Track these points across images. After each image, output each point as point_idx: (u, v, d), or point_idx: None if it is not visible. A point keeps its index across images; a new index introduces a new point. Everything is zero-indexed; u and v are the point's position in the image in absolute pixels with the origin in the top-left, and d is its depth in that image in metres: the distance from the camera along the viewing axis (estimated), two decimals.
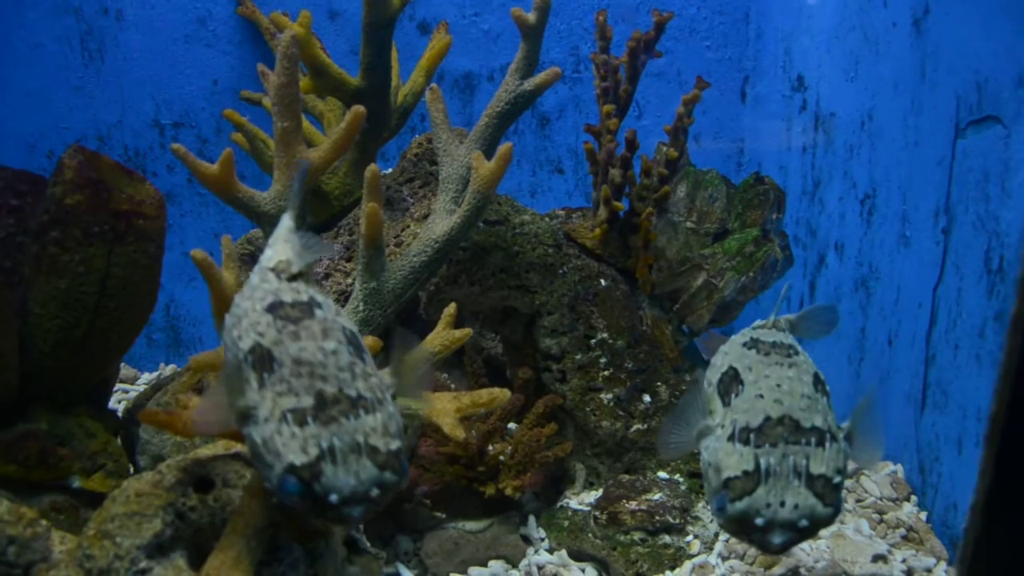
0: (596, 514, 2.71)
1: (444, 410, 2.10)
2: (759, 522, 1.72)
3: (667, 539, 2.64)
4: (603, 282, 2.97)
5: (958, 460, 2.65)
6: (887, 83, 3.22)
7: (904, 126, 3.06)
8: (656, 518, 2.65)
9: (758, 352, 2.00)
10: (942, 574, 2.52)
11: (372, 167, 2.26)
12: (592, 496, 2.86)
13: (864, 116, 3.44)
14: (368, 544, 2.22)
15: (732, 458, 1.79)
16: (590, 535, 2.68)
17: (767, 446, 1.77)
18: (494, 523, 2.69)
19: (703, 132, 4.44)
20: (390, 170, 3.34)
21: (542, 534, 2.76)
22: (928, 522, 2.79)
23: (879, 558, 2.53)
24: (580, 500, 2.86)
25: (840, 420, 1.90)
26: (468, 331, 2.30)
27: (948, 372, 2.72)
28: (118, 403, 3.69)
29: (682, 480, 2.83)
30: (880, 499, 2.94)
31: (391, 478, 1.42)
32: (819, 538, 2.71)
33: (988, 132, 2.50)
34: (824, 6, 3.82)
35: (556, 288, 2.91)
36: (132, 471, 2.46)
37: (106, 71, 4.14)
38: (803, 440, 1.78)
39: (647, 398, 2.92)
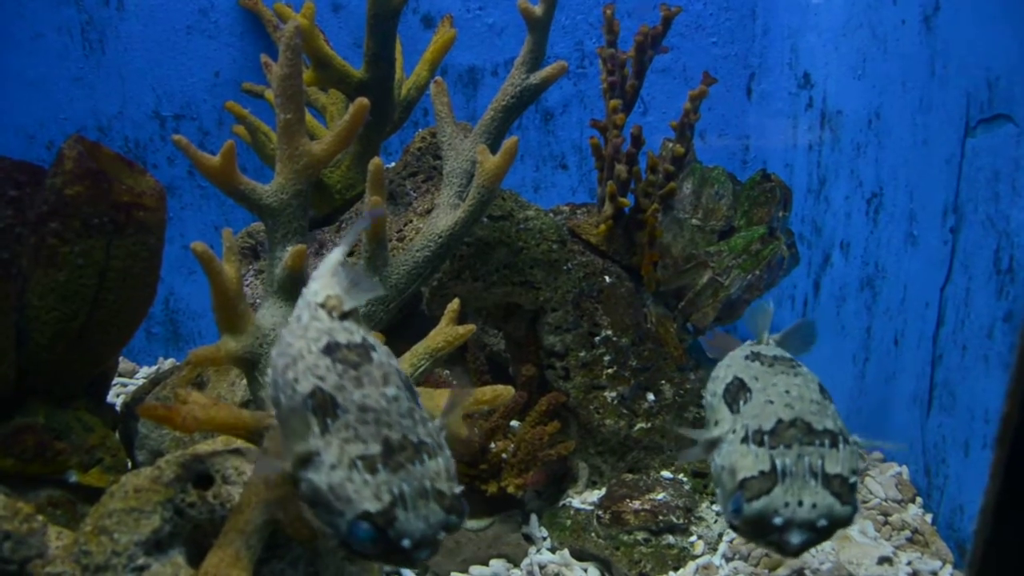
0: (599, 513, 2.69)
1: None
2: (777, 521, 1.70)
3: (671, 539, 2.61)
4: (607, 279, 2.94)
5: (965, 462, 2.62)
6: (895, 81, 3.19)
7: (912, 124, 3.03)
8: (660, 518, 2.62)
9: (762, 364, 1.98)
10: None
11: (375, 160, 2.24)
12: (595, 495, 2.84)
13: (871, 114, 3.41)
14: None
15: (747, 459, 1.77)
16: (593, 534, 2.65)
17: (782, 447, 1.75)
18: (496, 522, 2.67)
19: (708, 129, 4.41)
20: (393, 164, 3.31)
21: (544, 533, 2.74)
22: (934, 524, 2.77)
23: (884, 560, 2.51)
24: (583, 499, 2.84)
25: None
26: (471, 327, 2.27)
27: (955, 373, 2.70)
28: (116, 397, 3.66)
29: (686, 480, 2.81)
30: (885, 500, 2.92)
31: (455, 521, 1.45)
32: None
33: (999, 130, 2.47)
34: (831, 3, 3.79)
35: (560, 285, 2.88)
36: (130, 466, 2.43)
37: (107, 62, 4.11)
38: (817, 441, 1.76)
39: (651, 396, 2.90)
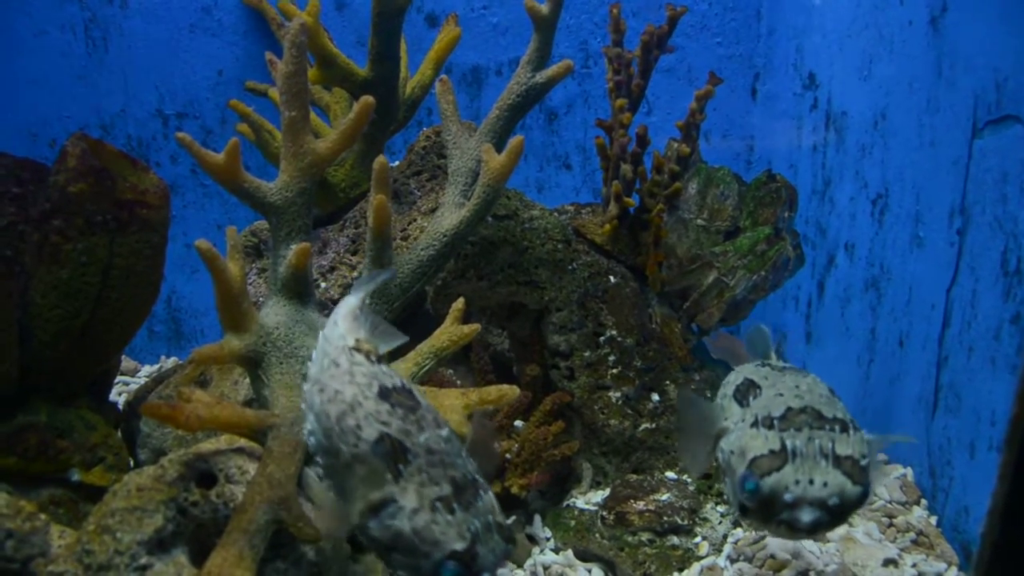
0: (603, 514, 2.68)
1: (451, 407, 2.07)
2: (787, 498, 1.70)
3: (675, 540, 2.60)
4: (612, 279, 2.93)
5: (970, 464, 2.61)
6: (902, 82, 3.18)
7: (919, 125, 3.02)
8: (664, 519, 2.61)
9: (772, 369, 2.02)
10: None
11: (381, 158, 2.23)
12: (599, 496, 2.83)
13: (877, 115, 3.40)
14: None
15: (757, 440, 1.78)
16: (597, 535, 2.64)
17: (792, 430, 1.77)
18: None
19: (713, 130, 4.40)
20: (397, 163, 3.30)
21: (548, 533, 2.72)
22: (938, 527, 2.76)
23: (890, 562, 2.50)
24: (587, 499, 2.83)
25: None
26: (476, 327, 2.26)
27: (961, 375, 2.68)
28: (119, 396, 3.65)
29: (690, 481, 2.80)
30: (889, 503, 2.91)
31: (512, 549, 1.55)
32: (829, 541, 2.68)
33: (1007, 131, 2.46)
34: (837, 4, 3.78)
35: (565, 284, 2.87)
36: (132, 465, 2.43)
37: (110, 60, 4.11)
38: (827, 427, 1.77)
39: (656, 397, 2.89)
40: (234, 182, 2.21)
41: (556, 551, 2.67)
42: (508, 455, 2.67)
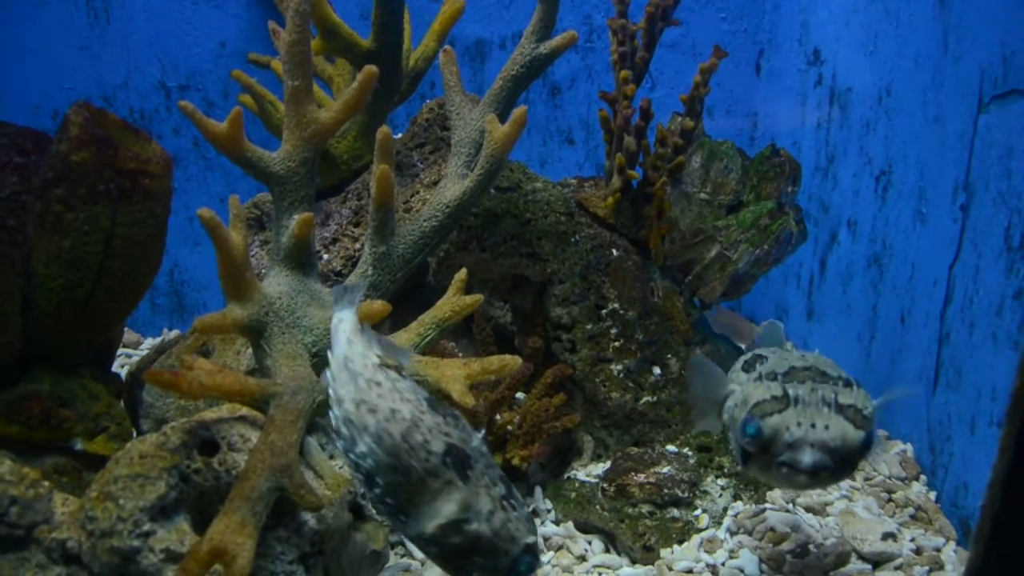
0: (604, 486, 2.69)
1: (453, 376, 2.07)
2: (788, 437, 1.71)
3: (675, 512, 2.61)
4: (615, 252, 2.93)
5: (971, 440, 2.61)
6: (907, 57, 3.16)
7: (924, 101, 3.01)
8: (664, 491, 2.62)
9: (781, 348, 2.09)
10: (951, 553, 2.50)
11: (384, 129, 2.22)
12: (600, 468, 2.84)
13: (882, 91, 3.39)
14: (375, 511, 2.20)
15: (759, 389, 1.81)
16: (597, 507, 2.65)
17: (795, 382, 1.79)
18: None
19: (716, 106, 4.39)
20: (400, 135, 3.29)
21: (549, 505, 2.73)
22: (937, 502, 2.77)
23: (888, 536, 2.51)
24: (588, 472, 2.84)
25: None
26: (479, 297, 2.26)
27: (963, 351, 2.69)
28: (121, 367, 3.66)
29: (691, 454, 2.81)
30: (889, 478, 2.92)
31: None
32: (828, 515, 2.69)
33: (1013, 106, 2.45)
34: None
35: (568, 257, 2.87)
36: (135, 435, 2.43)
37: (112, 31, 4.09)
38: (830, 381, 1.80)
39: (657, 370, 2.89)
40: (236, 151, 2.20)
41: (557, 523, 2.69)
42: (509, 427, 2.67)
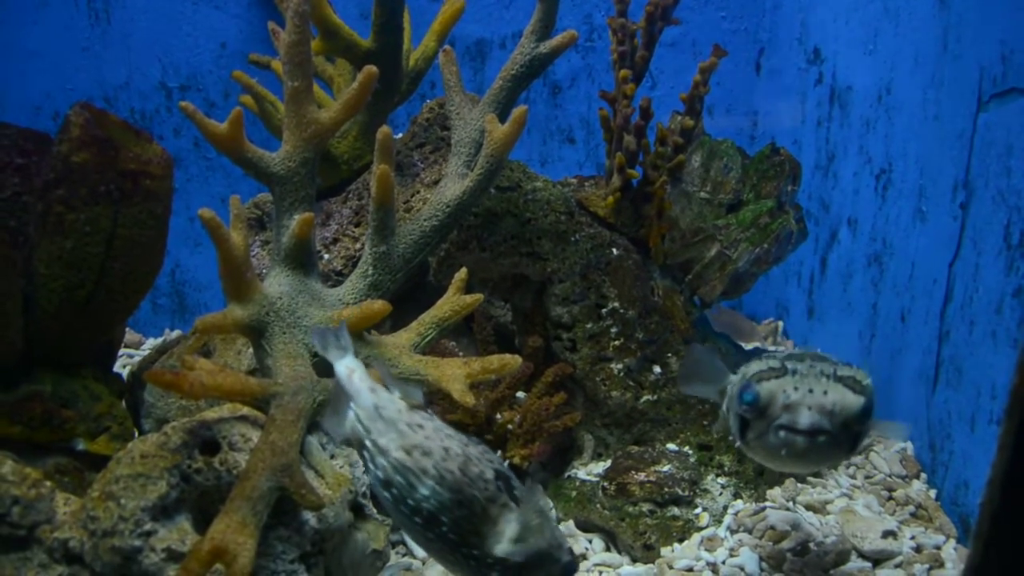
0: (604, 485, 2.69)
1: (454, 375, 2.07)
2: (784, 399, 1.72)
3: (676, 511, 2.62)
4: (615, 251, 2.93)
5: (971, 438, 2.62)
6: (907, 56, 3.17)
7: (924, 99, 3.01)
8: (665, 490, 2.63)
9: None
10: (951, 552, 2.50)
11: (384, 128, 2.22)
12: (600, 467, 2.84)
13: (882, 89, 3.39)
14: (375, 511, 2.20)
15: (758, 365, 1.84)
16: (598, 506, 2.66)
17: (794, 360, 1.82)
18: None
19: (716, 105, 4.39)
20: (400, 135, 3.30)
21: (549, 504, 2.74)
22: (937, 500, 2.78)
23: (889, 534, 2.51)
24: (588, 471, 2.84)
25: None
26: (479, 297, 2.26)
27: (962, 349, 2.69)
28: (122, 367, 3.67)
29: (691, 452, 2.81)
30: (889, 476, 2.93)
31: None
32: (828, 513, 2.69)
33: (1012, 104, 2.45)
34: None
35: (568, 256, 2.87)
36: (136, 435, 2.44)
37: (112, 32, 4.10)
38: (829, 361, 1.82)
39: (657, 369, 2.89)
40: (237, 151, 2.21)
41: (557, 522, 2.69)
42: (510, 426, 2.68)
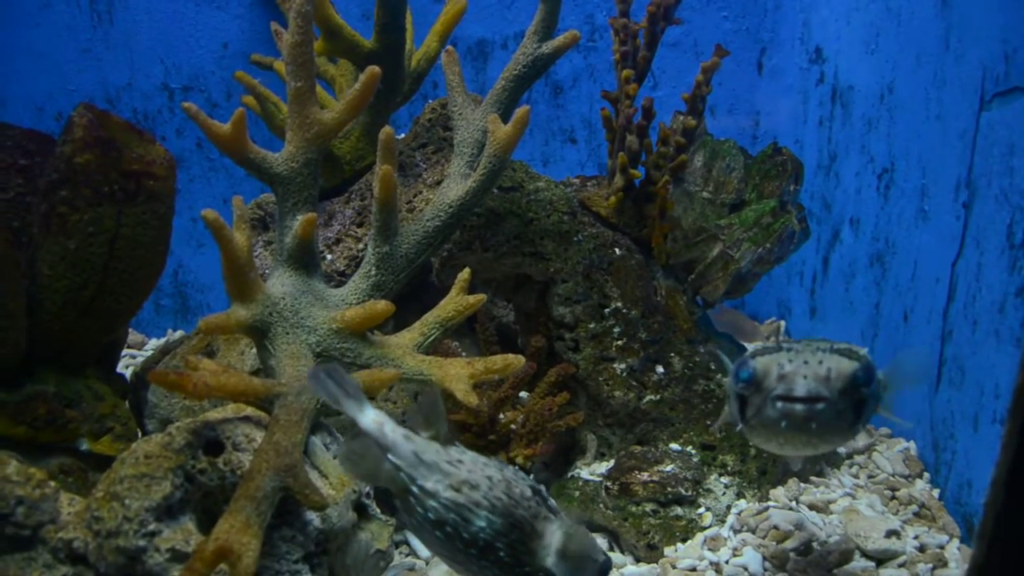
0: (607, 485, 2.69)
1: (457, 376, 2.08)
2: (779, 371, 1.73)
3: (679, 511, 2.62)
4: (618, 251, 2.93)
5: (974, 437, 2.62)
6: (909, 55, 3.17)
7: (926, 98, 3.01)
8: (668, 489, 2.63)
9: None
10: (955, 551, 2.50)
11: (387, 129, 2.23)
12: (603, 467, 2.84)
13: (884, 89, 3.39)
14: (379, 511, 2.20)
15: (755, 346, 1.85)
16: (601, 506, 2.66)
17: (792, 342, 1.84)
18: None
19: (718, 104, 4.39)
20: (402, 136, 3.30)
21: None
22: (941, 499, 2.77)
23: (892, 533, 2.51)
24: (591, 471, 2.84)
25: None
26: (482, 297, 2.27)
27: (965, 348, 2.69)
28: (125, 368, 3.67)
29: (694, 452, 2.81)
30: (892, 476, 2.93)
31: None
32: (832, 513, 2.69)
33: (1015, 103, 2.45)
34: None
35: (570, 256, 2.87)
36: (140, 435, 2.44)
37: (115, 33, 4.10)
38: (824, 340, 1.83)
39: (660, 369, 2.89)
40: (240, 152, 2.21)
41: None
42: (513, 426, 2.68)
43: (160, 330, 4.45)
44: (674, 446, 2.84)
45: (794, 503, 2.73)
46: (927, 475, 2.92)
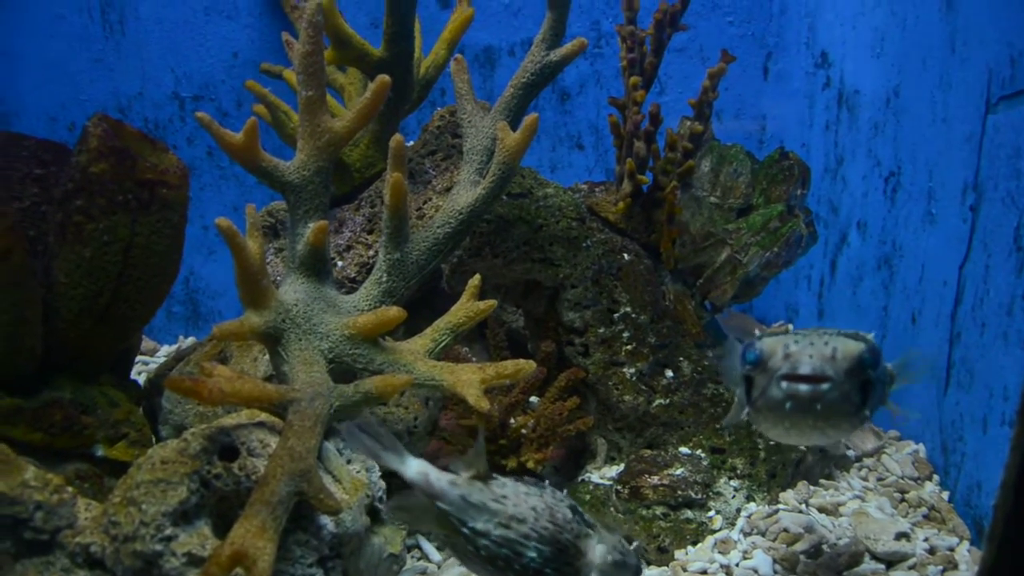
0: (618, 488, 2.71)
1: (468, 381, 2.09)
2: (784, 351, 1.74)
3: (689, 514, 2.63)
4: (626, 256, 2.95)
5: (983, 439, 2.63)
6: (915, 59, 3.18)
7: (932, 102, 3.02)
8: (678, 493, 2.64)
9: None
10: (964, 553, 2.51)
11: (397, 136, 2.24)
12: (613, 471, 2.86)
13: (890, 93, 3.40)
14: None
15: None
16: (611, 509, 2.67)
17: (799, 333, 1.84)
18: None
19: (724, 109, 4.40)
20: (412, 143, 3.32)
21: None
22: (950, 502, 2.78)
23: (902, 536, 2.52)
24: (601, 474, 2.86)
25: None
26: (493, 303, 2.28)
27: (974, 351, 2.70)
28: (138, 375, 3.69)
29: (704, 456, 2.82)
30: (902, 478, 2.93)
31: None
32: (841, 516, 2.70)
33: (1021, 107, 2.46)
34: None
35: (580, 261, 2.89)
36: (154, 441, 2.46)
37: (126, 43, 4.13)
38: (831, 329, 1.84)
39: (669, 373, 2.91)
40: (252, 161, 2.23)
41: None
42: (524, 430, 2.69)
43: (172, 336, 4.48)
44: (684, 450, 2.85)
45: (804, 506, 2.74)
46: (936, 477, 2.92)
